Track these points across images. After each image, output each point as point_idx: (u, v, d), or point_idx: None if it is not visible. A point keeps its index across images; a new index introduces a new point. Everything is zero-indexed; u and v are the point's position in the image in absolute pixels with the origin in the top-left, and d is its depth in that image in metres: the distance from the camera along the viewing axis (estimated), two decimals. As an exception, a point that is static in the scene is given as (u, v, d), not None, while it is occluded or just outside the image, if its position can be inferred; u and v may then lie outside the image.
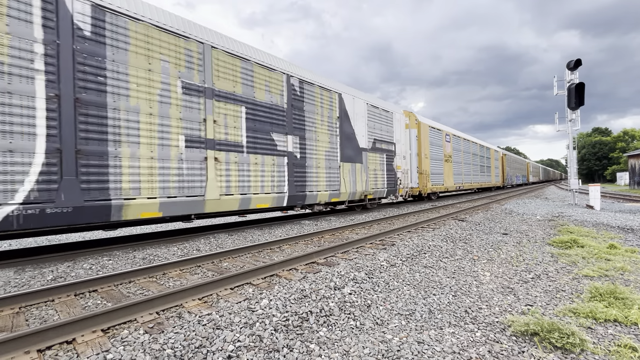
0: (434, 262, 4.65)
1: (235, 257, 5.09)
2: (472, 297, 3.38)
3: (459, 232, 6.93)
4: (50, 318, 2.95)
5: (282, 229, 7.84)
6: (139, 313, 2.82)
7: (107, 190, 5.15)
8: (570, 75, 13.01)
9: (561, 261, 4.75)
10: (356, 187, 10.59)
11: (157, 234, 7.37)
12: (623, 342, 2.38)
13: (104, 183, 5.13)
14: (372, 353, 2.29)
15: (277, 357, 2.20)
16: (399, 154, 13.42)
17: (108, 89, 5.21)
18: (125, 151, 5.35)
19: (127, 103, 5.42)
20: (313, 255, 4.72)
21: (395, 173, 13.01)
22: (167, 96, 5.94)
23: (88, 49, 5.02)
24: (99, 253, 5.44)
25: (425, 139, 15.59)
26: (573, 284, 3.76)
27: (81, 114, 4.92)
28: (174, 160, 6.00)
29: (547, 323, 2.48)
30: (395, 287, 3.61)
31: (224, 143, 6.85)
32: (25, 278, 4.11)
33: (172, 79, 6.02)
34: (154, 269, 4.20)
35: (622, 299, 3.11)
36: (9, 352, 2.19)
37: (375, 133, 11.86)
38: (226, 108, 6.93)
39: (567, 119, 13.42)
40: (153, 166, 5.70)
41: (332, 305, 2.99)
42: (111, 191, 5.18)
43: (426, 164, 15.39)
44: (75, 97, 4.85)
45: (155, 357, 2.13)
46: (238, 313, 2.79)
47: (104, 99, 5.16)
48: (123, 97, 5.37)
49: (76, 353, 2.25)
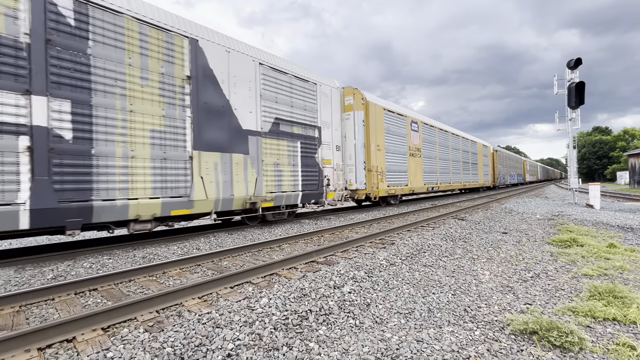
0: (434, 261, 4.66)
1: (235, 256, 5.10)
2: (471, 296, 3.39)
3: (459, 231, 6.93)
4: (51, 317, 2.96)
5: (281, 228, 7.85)
6: (139, 312, 2.83)
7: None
8: (571, 74, 13.00)
9: (560, 260, 4.76)
10: (233, 190, 7.00)
11: (157, 233, 7.38)
12: (622, 340, 2.39)
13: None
14: (372, 351, 2.30)
15: (277, 356, 2.21)
16: (328, 142, 9.85)
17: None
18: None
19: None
20: (313, 254, 4.72)
21: (320, 170, 9.38)
22: None
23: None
24: (99, 252, 5.45)
25: (377, 126, 12.01)
26: (572, 283, 3.77)
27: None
28: None
29: (546, 322, 2.48)
30: (394, 286, 3.61)
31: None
32: (25, 277, 4.12)
33: None
34: (154, 268, 4.21)
35: (621, 297, 3.12)
36: (9, 350, 2.20)
37: (280, 110, 8.17)
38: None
39: (567, 118, 13.41)
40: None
41: (331, 304, 3.00)
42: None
43: (379, 158, 11.90)
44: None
45: (155, 356, 2.14)
46: (238, 312, 2.79)
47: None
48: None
49: (76, 351, 2.25)
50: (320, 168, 9.43)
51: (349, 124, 11.24)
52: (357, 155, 11.14)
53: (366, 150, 11.39)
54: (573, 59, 12.74)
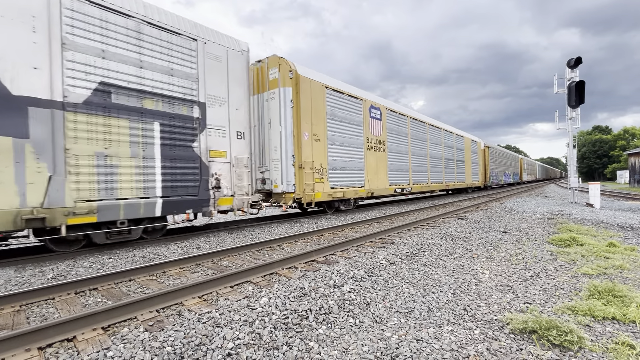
0: (433, 260, 4.66)
1: (235, 255, 5.10)
2: (471, 295, 3.39)
3: (459, 231, 6.94)
4: (51, 316, 2.97)
5: (281, 228, 7.85)
6: (139, 311, 2.83)
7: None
8: (571, 74, 13.00)
9: (560, 259, 4.76)
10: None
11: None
12: (621, 339, 2.39)
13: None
14: (371, 350, 2.30)
15: (277, 355, 2.22)
16: (221, 127, 6.92)
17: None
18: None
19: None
20: (313, 253, 4.73)
21: (204, 166, 6.57)
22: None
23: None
24: (99, 251, 5.45)
25: (316, 109, 9.18)
26: (572, 282, 3.77)
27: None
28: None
29: (545, 321, 2.49)
30: (394, 285, 3.62)
31: None
32: (25, 276, 4.12)
33: None
34: (154, 267, 4.22)
35: (621, 296, 3.12)
36: (10, 349, 2.20)
37: (113, 72, 5.40)
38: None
39: (567, 117, 13.42)
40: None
41: (331, 303, 3.00)
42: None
43: (317, 151, 9.15)
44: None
45: (155, 355, 2.15)
46: (238, 311, 2.80)
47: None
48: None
49: (77, 350, 2.26)
50: (203, 163, 6.54)
51: (274, 105, 8.53)
52: (285, 148, 8.40)
53: (296, 140, 8.57)
54: (573, 58, 12.74)
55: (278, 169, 8.54)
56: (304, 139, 8.80)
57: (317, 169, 9.16)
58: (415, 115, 15.33)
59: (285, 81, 8.48)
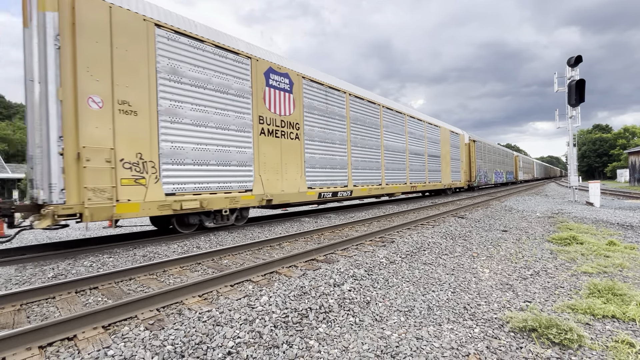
0: (433, 259, 4.67)
1: (235, 254, 5.10)
2: (471, 293, 3.40)
3: (459, 229, 6.94)
4: (52, 315, 2.97)
5: (281, 227, 7.86)
6: (140, 310, 2.84)
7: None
8: (571, 72, 12.98)
9: (560, 258, 4.76)
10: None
11: (157, 232, 7.39)
12: (621, 337, 2.39)
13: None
14: (371, 349, 2.30)
15: (277, 353, 2.22)
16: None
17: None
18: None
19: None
20: (313, 252, 4.73)
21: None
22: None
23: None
24: (100, 250, 5.46)
25: (131, 58, 5.52)
26: (572, 281, 3.78)
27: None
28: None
29: (545, 319, 2.49)
30: (394, 284, 3.62)
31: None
32: (26, 275, 4.13)
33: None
34: (154, 267, 4.22)
35: (620, 295, 3.13)
36: (10, 348, 2.21)
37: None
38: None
39: (567, 116, 13.41)
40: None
41: (331, 302, 3.01)
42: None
43: (131, 131, 5.52)
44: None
45: (156, 354, 2.15)
46: (238, 310, 2.80)
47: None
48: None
49: (77, 349, 2.26)
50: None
51: (28, 43, 4.89)
52: (44, 122, 4.80)
53: (69, 109, 4.95)
54: (573, 57, 12.73)
55: (41, 163, 4.81)
56: (91, 107, 5.10)
57: (129, 162, 5.50)
58: (362, 93, 11.26)
59: (45, 0, 4.73)
